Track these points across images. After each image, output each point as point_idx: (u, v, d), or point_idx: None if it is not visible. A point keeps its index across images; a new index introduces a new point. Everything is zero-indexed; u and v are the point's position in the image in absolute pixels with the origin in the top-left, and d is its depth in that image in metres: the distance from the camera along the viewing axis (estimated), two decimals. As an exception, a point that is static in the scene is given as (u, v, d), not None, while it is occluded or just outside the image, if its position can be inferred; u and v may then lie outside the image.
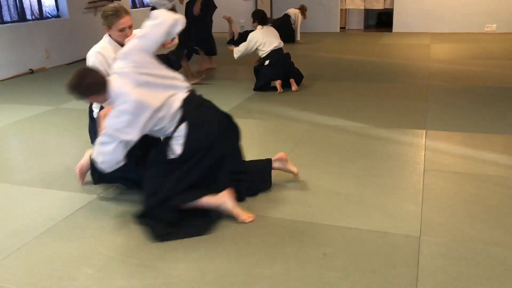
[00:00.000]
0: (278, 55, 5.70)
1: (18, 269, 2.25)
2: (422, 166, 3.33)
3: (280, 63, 5.68)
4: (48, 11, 8.08)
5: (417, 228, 2.51)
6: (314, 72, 6.49)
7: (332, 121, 4.44)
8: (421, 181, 3.09)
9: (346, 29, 12.26)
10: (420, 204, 2.78)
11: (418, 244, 2.36)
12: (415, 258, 2.25)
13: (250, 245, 2.40)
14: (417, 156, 3.53)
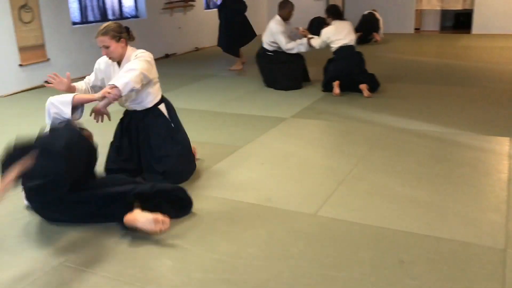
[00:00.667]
0: (345, 52, 5.54)
1: (102, 256, 2.36)
2: (506, 175, 3.16)
3: (344, 60, 5.51)
4: (128, 12, 8.45)
5: (501, 240, 2.38)
6: (388, 74, 6.33)
7: (407, 125, 4.32)
8: (505, 190, 2.94)
9: (421, 30, 11.86)
10: (504, 214, 2.64)
11: (504, 258, 2.24)
12: (501, 272, 2.13)
13: (325, 248, 2.38)
14: (500, 164, 3.36)
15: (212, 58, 8.89)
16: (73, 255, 2.38)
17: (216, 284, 2.11)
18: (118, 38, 3.06)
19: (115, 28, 3.08)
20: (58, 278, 2.19)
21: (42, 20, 6.56)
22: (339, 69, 5.52)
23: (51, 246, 2.48)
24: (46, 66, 6.66)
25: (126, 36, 3.12)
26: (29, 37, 6.39)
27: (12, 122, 4.94)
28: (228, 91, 5.94)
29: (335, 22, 5.65)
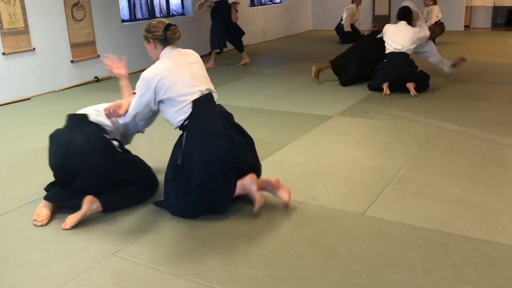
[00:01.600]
0: (394, 59, 5.39)
1: (153, 249, 2.42)
2: None
3: (392, 68, 5.37)
4: (175, 9, 8.58)
5: (561, 247, 2.28)
6: (436, 73, 6.16)
7: (458, 125, 4.20)
8: None
9: (471, 27, 11.48)
10: None
11: None
12: (560, 279, 2.05)
13: (373, 248, 2.35)
14: (559, 168, 3.22)
15: (257, 55, 8.91)
16: (126, 246, 2.45)
17: (264, 280, 2.12)
18: (147, 39, 2.81)
19: (147, 27, 2.81)
20: (111, 269, 2.26)
21: (93, 18, 6.76)
22: (386, 76, 5.42)
23: (104, 237, 2.56)
24: (96, 62, 6.86)
25: (153, 37, 2.76)
26: (80, 34, 6.60)
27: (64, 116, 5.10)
28: (272, 88, 5.94)
29: (399, 23, 5.51)
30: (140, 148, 3.73)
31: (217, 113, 2.76)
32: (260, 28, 10.59)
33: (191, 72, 2.76)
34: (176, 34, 2.78)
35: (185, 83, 2.70)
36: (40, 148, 4.07)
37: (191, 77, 2.74)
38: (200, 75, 2.80)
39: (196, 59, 2.86)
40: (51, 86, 6.30)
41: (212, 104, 2.80)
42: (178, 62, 2.75)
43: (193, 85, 2.73)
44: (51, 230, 2.65)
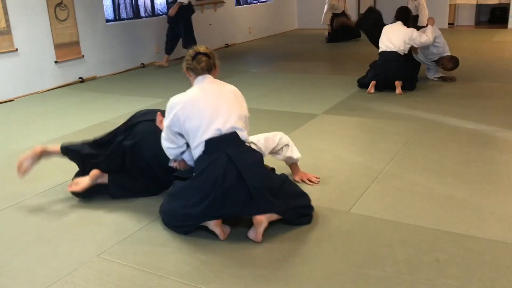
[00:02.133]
0: (385, 57, 5.42)
1: (138, 249, 2.40)
2: (547, 174, 3.06)
3: (383, 67, 5.39)
4: (160, 9, 8.53)
5: (542, 241, 2.31)
6: (421, 70, 6.21)
7: (444, 122, 4.23)
8: (546, 190, 2.85)
9: (455, 25, 11.59)
10: (545, 215, 2.56)
11: (545, 258, 2.17)
12: (542, 273, 2.07)
13: (359, 245, 2.36)
14: (541, 163, 3.26)
15: (243, 54, 8.91)
16: (110, 248, 2.43)
17: (249, 278, 2.12)
18: (185, 69, 2.68)
19: (186, 55, 2.69)
20: (95, 270, 2.24)
21: (77, 18, 6.70)
22: (375, 74, 5.45)
23: (88, 239, 2.53)
24: (80, 62, 6.81)
25: (186, 66, 2.65)
26: (64, 34, 6.53)
27: (48, 117, 5.06)
28: (258, 87, 5.94)
29: (395, 23, 5.54)
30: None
31: (225, 160, 2.42)
32: (246, 27, 10.59)
33: (216, 106, 2.50)
34: (200, 64, 2.58)
35: (204, 118, 2.48)
36: (24, 149, 4.02)
37: (213, 112, 2.49)
38: (226, 111, 2.51)
39: (229, 94, 2.60)
40: (35, 87, 6.24)
41: (229, 146, 2.46)
42: (206, 93, 2.55)
43: (211, 122, 2.48)
44: (34, 233, 2.62)
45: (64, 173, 3.44)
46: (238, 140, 2.50)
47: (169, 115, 2.55)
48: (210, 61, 2.62)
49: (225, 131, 2.47)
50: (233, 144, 2.47)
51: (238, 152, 2.46)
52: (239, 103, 2.59)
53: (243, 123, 2.55)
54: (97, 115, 4.99)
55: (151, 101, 5.52)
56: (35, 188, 3.20)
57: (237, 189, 2.38)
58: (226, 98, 2.55)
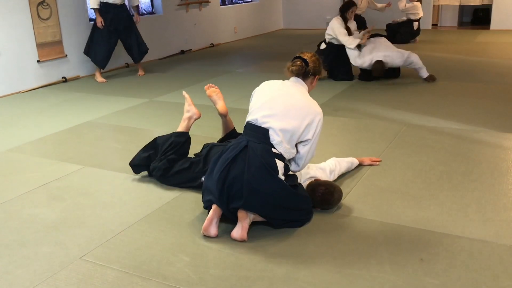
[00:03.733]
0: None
1: (121, 251, 2.38)
2: (528, 173, 3.11)
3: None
4: (144, 8, 8.47)
5: (524, 240, 2.34)
6: (404, 70, 6.26)
7: (426, 122, 4.27)
8: (527, 189, 2.88)
9: (438, 26, 11.71)
10: (526, 214, 2.59)
11: (526, 257, 2.20)
12: (523, 271, 2.10)
13: (343, 246, 2.37)
14: (522, 163, 3.30)
15: (228, 54, 8.89)
16: (93, 250, 2.40)
17: (233, 280, 2.11)
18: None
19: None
20: (78, 273, 2.21)
21: (59, 17, 6.61)
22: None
23: (70, 241, 2.50)
24: (63, 62, 6.73)
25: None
26: (47, 34, 6.45)
27: (31, 117, 4.99)
28: (243, 88, 5.93)
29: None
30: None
31: (242, 146, 2.48)
32: (231, 26, 10.57)
33: (273, 100, 2.56)
34: (293, 66, 2.66)
35: (259, 103, 2.60)
36: (5, 150, 3.96)
37: (267, 103, 2.56)
38: (279, 110, 2.52)
39: (294, 97, 2.58)
40: (17, 86, 6.14)
41: (259, 140, 2.49)
42: (277, 89, 2.63)
43: (260, 109, 2.56)
44: (15, 235, 2.58)
45: (46, 174, 3.40)
46: (265, 138, 2.49)
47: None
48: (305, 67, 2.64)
49: (260, 124, 2.53)
50: (260, 139, 2.50)
51: (258, 147, 2.46)
52: (299, 117, 2.52)
53: (283, 135, 2.49)
54: (80, 115, 4.93)
55: (135, 101, 5.47)
56: (16, 190, 3.15)
57: (237, 178, 2.41)
58: (288, 99, 2.56)
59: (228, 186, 2.42)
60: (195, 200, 2.90)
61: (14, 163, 3.68)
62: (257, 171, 2.40)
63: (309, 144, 2.58)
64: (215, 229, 2.47)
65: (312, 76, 2.68)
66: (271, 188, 2.42)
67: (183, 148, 3.16)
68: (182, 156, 3.15)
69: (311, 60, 2.66)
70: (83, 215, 2.78)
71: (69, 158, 3.70)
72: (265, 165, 2.42)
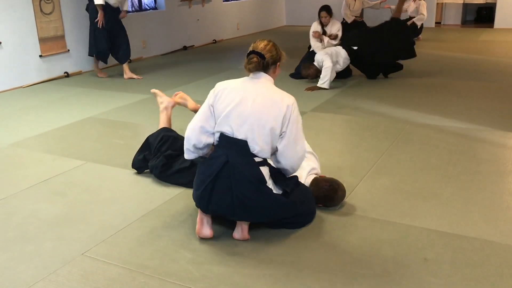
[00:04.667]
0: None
1: (123, 248, 2.37)
2: (532, 173, 3.09)
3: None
4: (147, 3, 8.45)
5: (528, 240, 2.33)
6: (409, 69, 6.24)
7: (430, 120, 4.25)
8: (532, 189, 2.87)
9: (442, 24, 11.67)
10: (531, 214, 2.58)
11: (531, 257, 2.19)
12: (528, 272, 2.09)
13: (346, 244, 2.35)
14: (526, 162, 3.28)
15: (230, 50, 8.86)
16: (95, 246, 2.39)
17: (236, 277, 2.10)
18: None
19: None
20: (80, 269, 2.20)
21: (62, 11, 6.59)
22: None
23: (72, 236, 2.49)
24: (66, 57, 6.71)
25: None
26: (49, 28, 6.43)
27: (32, 112, 4.98)
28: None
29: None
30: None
31: (222, 163, 2.33)
32: (234, 23, 10.54)
33: (241, 104, 2.35)
34: (250, 64, 2.43)
35: (225, 111, 2.37)
36: (7, 145, 3.95)
37: (236, 109, 2.35)
38: (250, 114, 2.33)
39: (261, 95, 2.38)
40: (19, 81, 6.13)
41: (239, 154, 2.34)
42: (241, 90, 2.41)
43: (229, 117, 2.36)
44: (17, 231, 2.57)
45: (48, 169, 3.39)
46: (247, 151, 2.34)
47: (209, 96, 2.49)
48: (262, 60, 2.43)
49: (235, 136, 2.35)
50: (239, 152, 2.34)
51: (239, 161, 2.32)
52: (272, 115, 2.34)
53: (263, 141, 2.33)
54: (83, 111, 4.92)
55: (138, 97, 5.45)
56: (18, 185, 3.14)
57: (224, 194, 2.33)
58: (258, 103, 2.35)
59: (216, 202, 2.35)
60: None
61: (16, 158, 3.67)
62: (244, 188, 2.30)
63: (286, 138, 2.35)
64: (209, 230, 2.42)
65: (272, 65, 2.47)
66: (262, 203, 2.34)
67: (176, 142, 3.14)
68: (179, 152, 3.11)
69: (267, 49, 2.43)
70: (85, 211, 2.77)
71: (72, 154, 3.69)
72: (251, 180, 2.30)
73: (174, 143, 3.14)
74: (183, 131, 2.60)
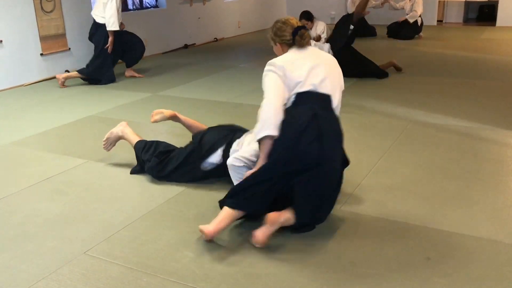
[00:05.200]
0: None
1: (125, 247, 2.36)
2: (536, 172, 3.07)
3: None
4: (148, 2, 8.44)
5: (532, 239, 2.31)
6: (411, 67, 6.22)
7: (432, 119, 4.23)
8: (535, 188, 2.85)
9: (444, 22, 11.64)
10: (534, 213, 2.57)
11: (535, 257, 2.17)
12: (532, 271, 2.07)
13: (349, 243, 2.34)
14: (529, 161, 3.27)
15: (231, 49, 8.84)
16: (97, 245, 2.38)
17: (239, 276, 2.09)
18: (274, 42, 2.61)
19: (274, 29, 2.59)
20: (82, 268, 2.19)
21: (63, 10, 6.58)
22: None
23: (74, 235, 2.48)
24: (67, 55, 6.69)
25: (281, 41, 2.56)
26: (50, 26, 6.41)
27: (33, 110, 4.97)
28: (247, 82, 5.89)
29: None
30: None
31: (310, 115, 2.35)
32: (235, 21, 10.52)
33: (317, 67, 2.44)
34: (305, 39, 2.49)
35: (304, 72, 2.42)
36: (8, 143, 3.94)
37: (313, 69, 2.43)
38: (326, 73, 2.45)
39: (326, 61, 2.52)
40: (20, 79, 6.12)
41: (324, 107, 2.42)
42: (305, 56, 2.48)
43: (311, 76, 2.42)
44: (18, 230, 2.56)
45: (49, 168, 3.38)
46: (330, 105, 2.45)
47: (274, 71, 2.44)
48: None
49: (319, 90, 2.42)
50: (323, 106, 2.41)
51: (325, 114, 2.39)
52: (338, 75, 2.55)
53: (339, 94, 2.50)
54: (83, 109, 4.91)
55: (138, 95, 5.44)
56: (19, 184, 3.14)
57: (312, 145, 2.28)
58: (326, 63, 2.51)
59: (300, 156, 2.29)
60: (199, 195, 2.88)
61: (17, 156, 3.66)
62: (332, 140, 2.37)
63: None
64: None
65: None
66: (339, 159, 2.44)
67: (159, 143, 3.16)
68: (168, 148, 3.13)
69: (302, 24, 2.57)
70: (86, 209, 2.76)
71: (73, 152, 3.68)
72: (338, 133, 2.45)
73: (158, 144, 3.16)
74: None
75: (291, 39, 2.50)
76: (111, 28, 5.88)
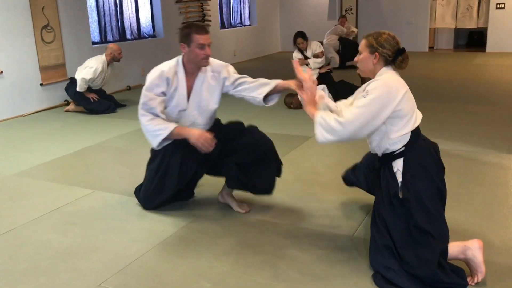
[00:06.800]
0: None
1: (140, 278, 2.33)
2: (543, 196, 3.10)
3: None
4: (145, 32, 8.52)
5: (548, 263, 2.32)
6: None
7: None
8: (544, 211, 2.88)
9: (435, 48, 11.87)
10: (546, 237, 2.58)
11: (553, 281, 2.18)
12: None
13: (363, 271, 2.33)
14: (535, 185, 3.30)
15: (228, 77, 8.90)
16: (111, 277, 2.35)
17: None
18: (372, 49, 2.39)
19: (379, 37, 2.39)
20: (97, 300, 2.16)
21: (63, 40, 6.63)
22: None
23: (88, 267, 2.45)
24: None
25: (381, 53, 2.39)
26: (50, 57, 6.45)
27: (35, 141, 4.95)
28: (247, 110, 5.93)
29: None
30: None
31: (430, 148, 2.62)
32: (230, 49, 10.65)
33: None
34: (404, 64, 2.44)
35: (410, 107, 2.56)
36: (12, 175, 3.91)
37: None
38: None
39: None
40: (19, 110, 6.12)
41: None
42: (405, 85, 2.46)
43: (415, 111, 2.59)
44: (29, 261, 2.52)
45: (56, 199, 3.35)
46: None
47: (388, 97, 2.39)
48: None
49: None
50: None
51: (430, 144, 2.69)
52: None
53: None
54: (85, 139, 4.90)
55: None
56: (27, 215, 3.10)
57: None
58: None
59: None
60: (211, 224, 2.87)
61: (23, 187, 3.63)
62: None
63: None
64: None
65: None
66: None
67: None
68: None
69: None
70: (97, 240, 2.73)
71: (78, 182, 3.66)
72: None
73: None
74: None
75: (392, 57, 2.38)
76: (77, 89, 5.97)
